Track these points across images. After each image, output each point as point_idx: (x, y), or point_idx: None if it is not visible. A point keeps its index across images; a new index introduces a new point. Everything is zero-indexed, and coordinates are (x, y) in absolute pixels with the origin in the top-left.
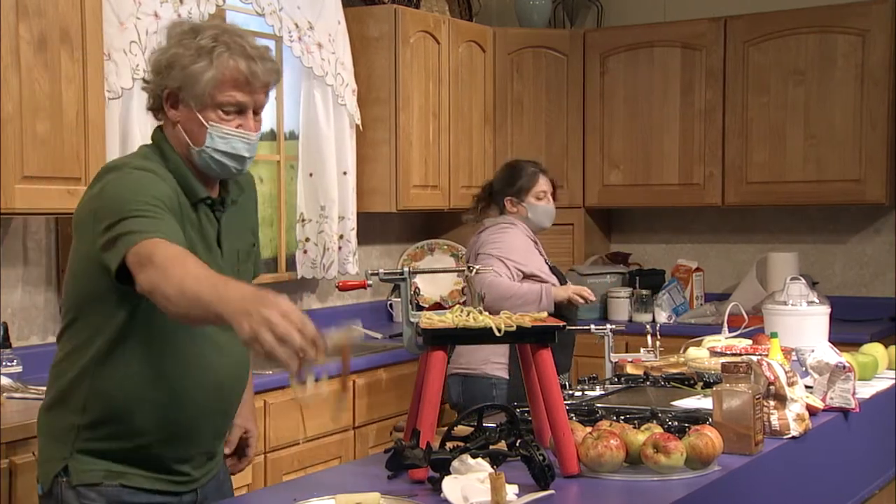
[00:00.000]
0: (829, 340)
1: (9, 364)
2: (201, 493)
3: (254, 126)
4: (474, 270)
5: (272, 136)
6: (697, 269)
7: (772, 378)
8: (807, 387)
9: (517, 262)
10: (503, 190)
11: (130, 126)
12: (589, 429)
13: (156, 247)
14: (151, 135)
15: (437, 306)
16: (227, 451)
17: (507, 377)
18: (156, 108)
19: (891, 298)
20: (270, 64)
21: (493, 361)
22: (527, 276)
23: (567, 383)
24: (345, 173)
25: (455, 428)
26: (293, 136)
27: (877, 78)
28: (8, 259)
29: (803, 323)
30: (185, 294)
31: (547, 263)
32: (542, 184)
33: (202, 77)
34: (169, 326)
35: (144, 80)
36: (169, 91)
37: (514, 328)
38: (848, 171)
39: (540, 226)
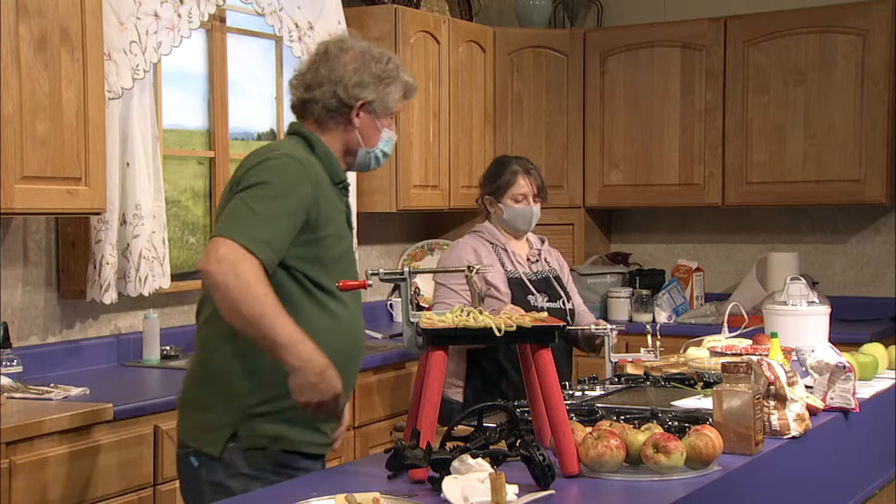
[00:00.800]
0: (830, 340)
1: (9, 364)
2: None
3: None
4: (475, 271)
5: (272, 135)
6: (697, 269)
7: (772, 378)
8: (807, 387)
9: (463, 283)
10: (484, 187)
11: (130, 126)
12: (589, 429)
13: (254, 268)
14: (291, 129)
15: None
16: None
17: (462, 402)
18: (330, 114)
19: (891, 298)
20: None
21: (450, 383)
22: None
23: (567, 383)
24: None
25: (455, 428)
26: None
27: (877, 78)
28: (8, 259)
29: (803, 323)
30: (260, 326)
31: (510, 275)
32: (522, 185)
33: (393, 94)
34: (316, 298)
35: (333, 94)
36: (363, 102)
37: (514, 328)
38: (848, 172)
39: (516, 228)
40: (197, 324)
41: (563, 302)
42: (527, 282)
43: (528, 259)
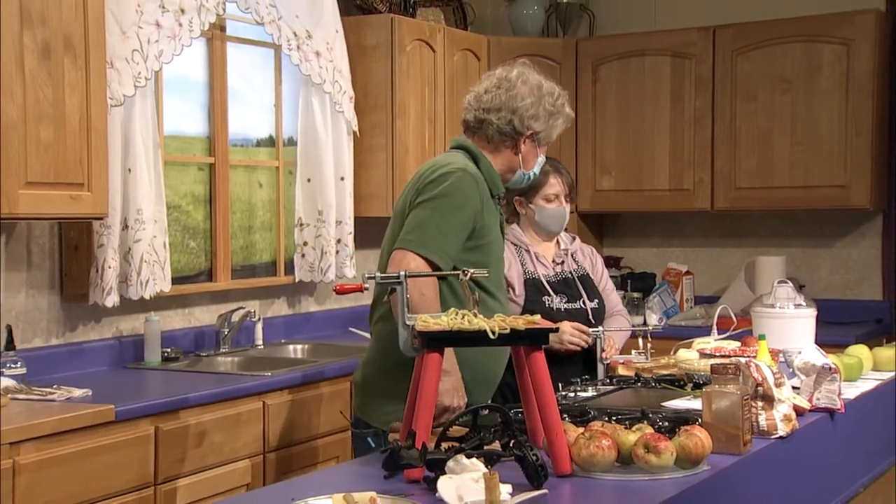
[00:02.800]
0: (816, 342)
1: (13, 366)
2: None
3: None
4: (468, 274)
5: (271, 142)
6: (687, 273)
7: (760, 379)
8: (794, 388)
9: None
10: (514, 189)
11: (132, 132)
12: (581, 429)
13: (431, 280)
14: (457, 144)
15: None
16: None
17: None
18: (503, 137)
19: (875, 301)
20: None
21: None
22: None
23: (559, 384)
24: (342, 179)
25: (450, 429)
26: (292, 143)
27: (861, 86)
28: (12, 263)
29: (790, 325)
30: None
31: (528, 276)
32: (554, 185)
33: (558, 127)
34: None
35: (509, 122)
36: (532, 132)
37: (507, 331)
38: (834, 177)
39: (548, 230)
40: (371, 319)
41: (584, 302)
42: (544, 283)
43: (554, 261)
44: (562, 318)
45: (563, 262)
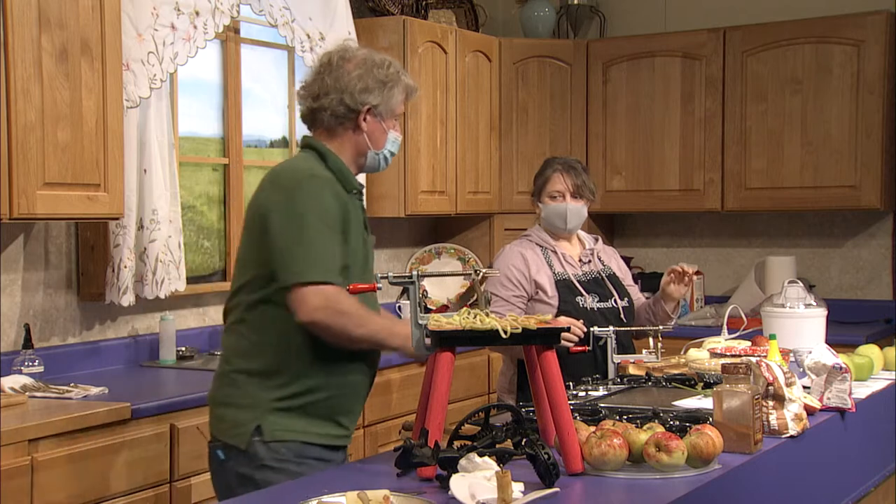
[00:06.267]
0: (826, 342)
1: (31, 364)
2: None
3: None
4: (481, 274)
5: (284, 143)
6: (698, 273)
7: (770, 379)
8: (804, 387)
9: (511, 290)
10: (532, 191)
11: (147, 134)
12: (593, 428)
13: (341, 295)
14: (305, 143)
15: (444, 308)
16: None
17: None
18: (339, 120)
19: (886, 301)
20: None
21: (505, 389)
22: (531, 299)
23: (570, 384)
24: None
25: (462, 427)
26: None
27: (871, 87)
28: (30, 263)
29: (801, 325)
30: (368, 337)
31: (558, 277)
32: (556, 182)
33: (396, 96)
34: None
35: (340, 101)
36: (369, 106)
37: (519, 330)
38: (844, 178)
39: (554, 228)
40: (224, 328)
41: (615, 301)
42: (575, 283)
43: (580, 260)
44: (595, 318)
45: (589, 261)
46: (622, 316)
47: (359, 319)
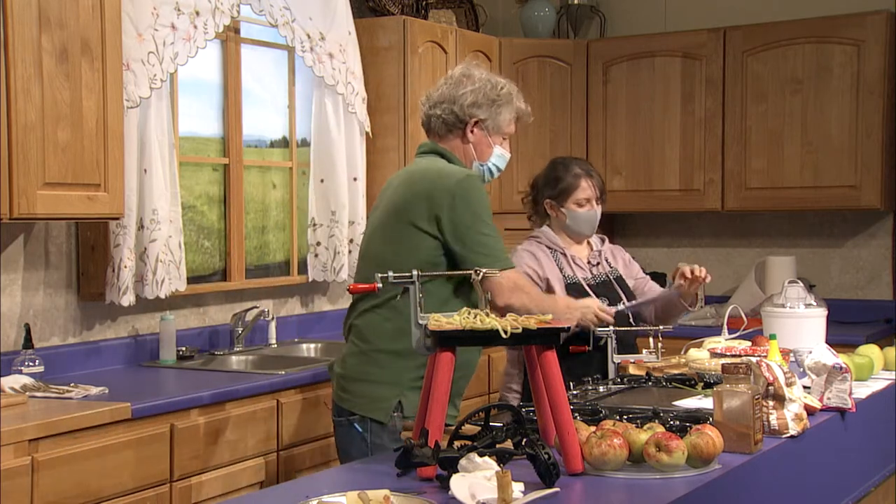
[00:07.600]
0: (826, 342)
1: (31, 364)
2: None
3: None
4: (480, 274)
5: (285, 143)
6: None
7: (771, 379)
8: (805, 387)
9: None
10: (543, 191)
11: (148, 133)
12: (593, 428)
13: (523, 279)
14: (428, 149)
15: None
16: None
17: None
18: (448, 128)
19: (886, 301)
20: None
21: (509, 388)
22: None
23: (570, 383)
24: (355, 179)
25: (463, 427)
26: (305, 144)
27: (872, 87)
28: (30, 263)
29: (801, 325)
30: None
31: (569, 280)
32: (586, 189)
33: (504, 115)
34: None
35: (451, 111)
36: (476, 119)
37: (520, 330)
38: (844, 178)
39: (580, 234)
40: (351, 315)
41: (623, 303)
42: (586, 287)
43: (589, 262)
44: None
45: (597, 263)
46: (631, 319)
47: (539, 299)
